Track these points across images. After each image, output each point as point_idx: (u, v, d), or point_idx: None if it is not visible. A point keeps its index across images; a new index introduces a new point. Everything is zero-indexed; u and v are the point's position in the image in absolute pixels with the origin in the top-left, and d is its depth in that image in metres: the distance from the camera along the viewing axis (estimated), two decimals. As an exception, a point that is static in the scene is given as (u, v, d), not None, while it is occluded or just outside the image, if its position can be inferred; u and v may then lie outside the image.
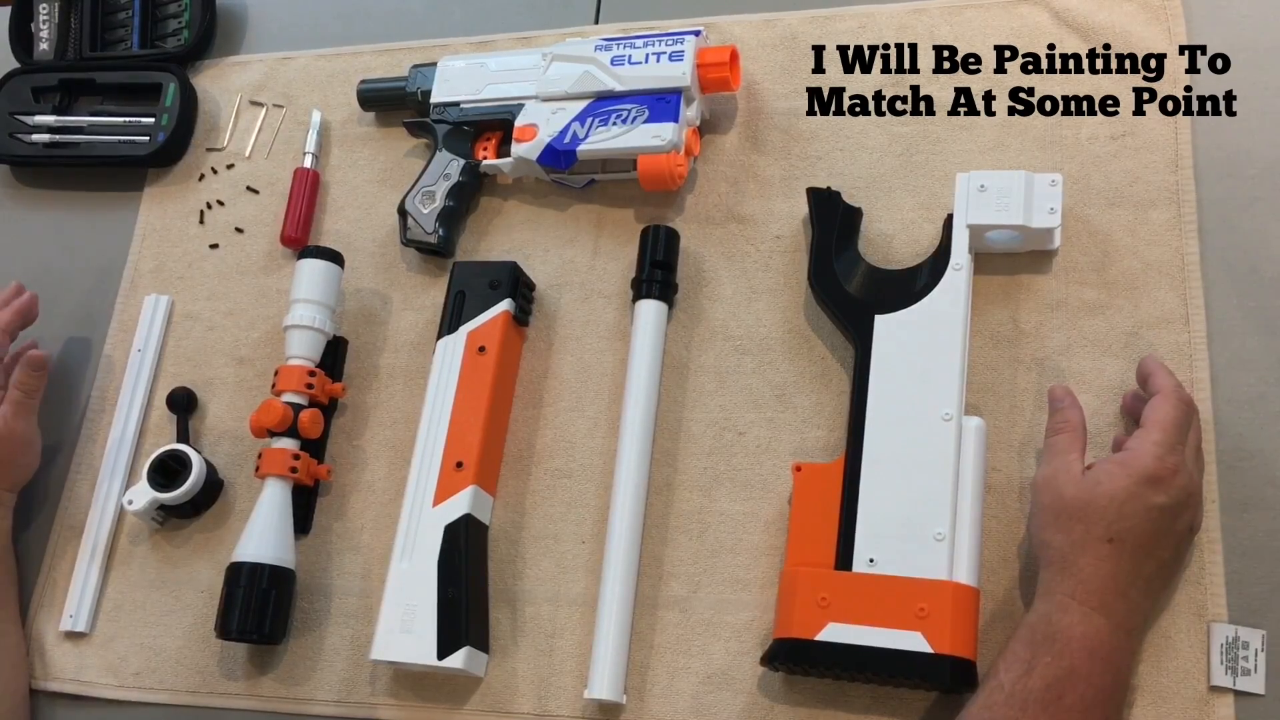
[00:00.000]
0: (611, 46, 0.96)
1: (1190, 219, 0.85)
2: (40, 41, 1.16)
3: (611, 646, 0.81)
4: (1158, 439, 0.70)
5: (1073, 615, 0.68)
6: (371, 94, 1.05)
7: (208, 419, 0.99)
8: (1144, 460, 0.69)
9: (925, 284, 0.83)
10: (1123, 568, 0.69)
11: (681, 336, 0.92)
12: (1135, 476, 0.69)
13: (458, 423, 0.87)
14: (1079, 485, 0.70)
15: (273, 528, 0.88)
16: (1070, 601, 0.68)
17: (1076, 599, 0.68)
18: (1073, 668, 0.67)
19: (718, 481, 0.86)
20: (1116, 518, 0.69)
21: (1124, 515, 0.69)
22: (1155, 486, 0.69)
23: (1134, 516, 0.69)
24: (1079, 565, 0.69)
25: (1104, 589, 0.68)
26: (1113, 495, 0.69)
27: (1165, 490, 0.69)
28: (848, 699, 0.78)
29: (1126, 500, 0.69)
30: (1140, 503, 0.69)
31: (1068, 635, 0.67)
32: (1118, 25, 0.92)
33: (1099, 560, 0.69)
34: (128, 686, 0.91)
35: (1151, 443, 0.70)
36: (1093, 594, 0.68)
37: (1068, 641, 0.67)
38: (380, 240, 1.02)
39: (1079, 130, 0.89)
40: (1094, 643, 0.67)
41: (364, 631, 0.87)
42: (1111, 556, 0.68)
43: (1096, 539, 0.69)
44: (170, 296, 1.04)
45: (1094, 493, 0.69)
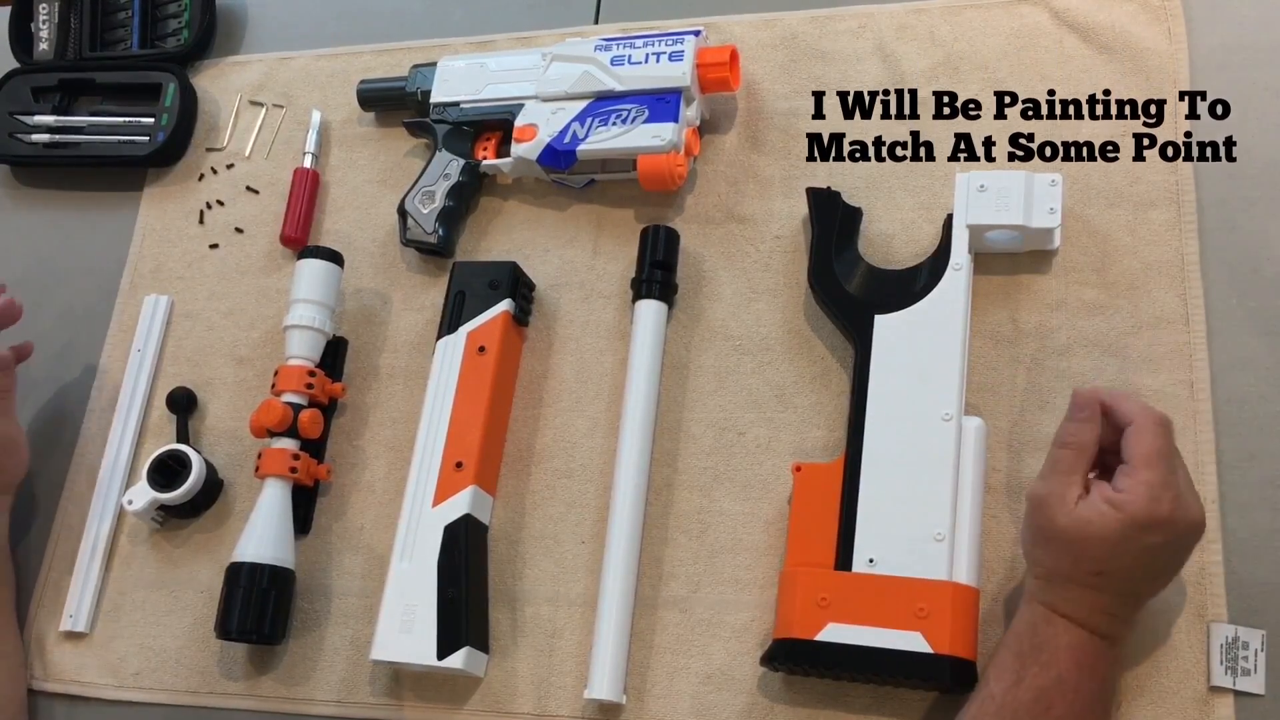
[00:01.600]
0: (611, 46, 0.96)
1: (1190, 219, 0.84)
2: (40, 41, 1.16)
3: (611, 646, 0.80)
4: (1148, 479, 0.66)
5: (1057, 626, 0.68)
6: (371, 94, 1.05)
7: (208, 419, 0.99)
8: (1137, 505, 0.65)
9: (925, 284, 0.83)
10: (1109, 596, 0.68)
11: (681, 336, 0.91)
12: (1129, 521, 0.65)
13: (458, 423, 0.87)
14: (1070, 518, 0.67)
15: (273, 528, 0.88)
16: (1054, 615, 0.68)
17: (1060, 614, 0.68)
18: (1060, 678, 0.66)
19: (718, 481, 0.86)
20: (1108, 557, 0.66)
21: (1115, 555, 0.66)
22: (1151, 530, 0.65)
23: (1126, 556, 0.66)
24: (1066, 589, 0.68)
25: (1091, 611, 0.68)
26: (1104, 539, 0.66)
27: (1161, 532, 0.65)
28: (848, 699, 0.78)
29: (1119, 543, 0.66)
30: (1134, 544, 0.66)
31: (1054, 646, 0.67)
32: (1118, 25, 0.92)
33: (1085, 589, 0.68)
34: (128, 687, 0.91)
35: (1142, 484, 0.65)
36: (1081, 612, 0.68)
37: (1054, 652, 0.67)
38: (380, 240, 1.02)
39: (1079, 130, 0.89)
40: (1080, 654, 0.67)
41: (364, 631, 0.87)
42: (1100, 586, 0.67)
43: (1086, 572, 0.67)
44: (170, 296, 1.04)
45: (1085, 532, 0.66)
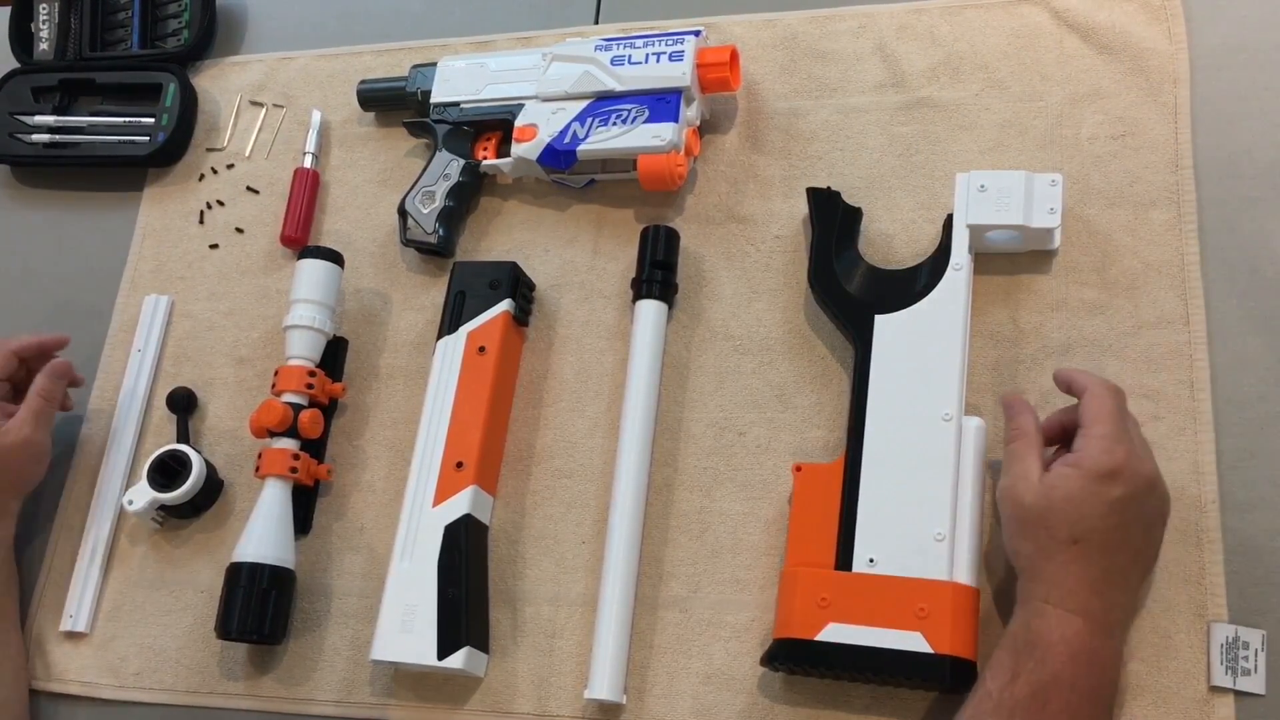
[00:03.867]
0: (611, 46, 0.96)
1: (1190, 219, 0.85)
2: (40, 41, 1.16)
3: (611, 646, 0.80)
4: (1101, 433, 0.70)
5: (1049, 620, 0.68)
6: (371, 94, 1.05)
7: (208, 419, 0.99)
8: (1093, 456, 0.69)
9: (925, 284, 0.83)
10: (1092, 566, 0.68)
11: (681, 336, 0.91)
12: (1088, 474, 0.69)
13: (458, 423, 0.87)
14: (1036, 492, 0.70)
15: (273, 528, 0.88)
16: (1046, 606, 0.68)
17: (1051, 602, 0.68)
18: (1055, 673, 0.66)
19: (718, 481, 0.86)
20: (1077, 518, 0.68)
21: (1084, 515, 0.68)
22: (1110, 480, 0.68)
23: (1094, 515, 0.68)
24: (1049, 569, 0.69)
25: (1076, 589, 0.68)
26: (1069, 496, 0.69)
27: (1121, 482, 0.68)
28: (848, 699, 0.78)
29: (1084, 499, 0.68)
30: (1098, 499, 0.68)
31: (1047, 641, 0.67)
32: (1118, 25, 0.92)
33: (1067, 562, 0.68)
34: (128, 687, 0.91)
35: (1097, 437, 0.70)
36: (1066, 596, 0.68)
37: (1048, 647, 0.67)
38: (380, 240, 1.02)
39: (1079, 130, 0.89)
40: (1074, 646, 0.67)
41: (364, 631, 0.87)
42: (1079, 557, 0.68)
43: (1061, 542, 0.69)
44: (170, 296, 1.04)
45: (1050, 497, 0.69)
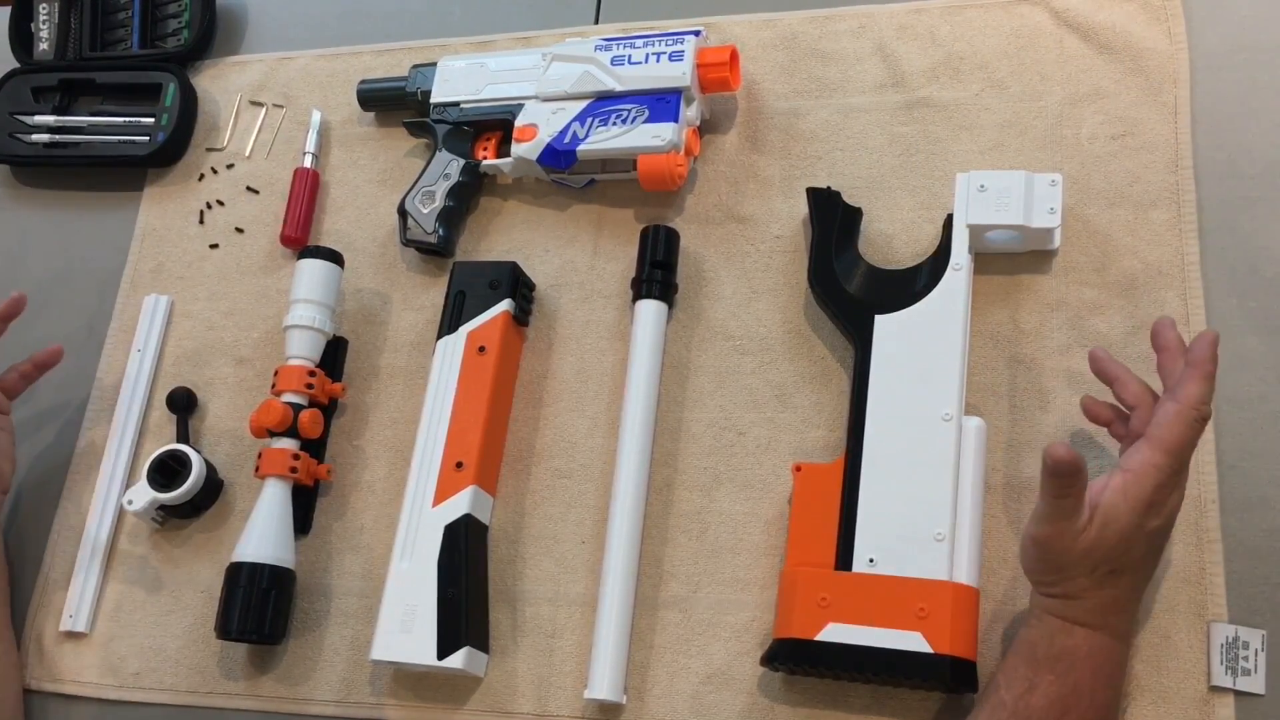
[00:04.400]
0: (611, 46, 0.96)
1: (1190, 219, 0.84)
2: (40, 41, 1.16)
3: (611, 646, 0.80)
4: (1161, 464, 0.66)
5: (1077, 638, 0.68)
6: (371, 94, 1.05)
7: (208, 419, 0.99)
8: (1146, 489, 0.66)
9: (925, 284, 0.83)
10: (1122, 590, 0.68)
11: (681, 336, 0.91)
12: (1137, 508, 0.66)
13: (458, 423, 0.87)
14: (1084, 541, 0.66)
15: (273, 528, 0.88)
16: (1074, 626, 0.68)
17: (1080, 623, 0.68)
18: (1076, 686, 0.67)
19: (718, 481, 0.86)
20: (1123, 552, 0.67)
21: (1129, 548, 0.67)
22: (1151, 512, 0.66)
23: (1136, 546, 0.67)
24: (1083, 597, 0.68)
25: (1106, 611, 0.68)
26: (1121, 534, 0.66)
27: (1159, 514, 0.67)
28: (848, 699, 0.78)
29: (1132, 534, 0.66)
30: (1141, 532, 0.67)
31: (1073, 656, 0.67)
32: (1118, 25, 0.92)
33: (1101, 589, 0.68)
34: (128, 687, 0.91)
35: (1154, 467, 0.66)
36: (1096, 616, 0.68)
37: (1073, 662, 0.67)
38: (380, 240, 1.02)
39: (1079, 130, 0.89)
40: (1099, 660, 0.67)
41: (364, 631, 0.87)
42: (1113, 584, 0.68)
43: (1102, 574, 0.67)
44: (170, 296, 1.04)
45: (1104, 534, 0.66)
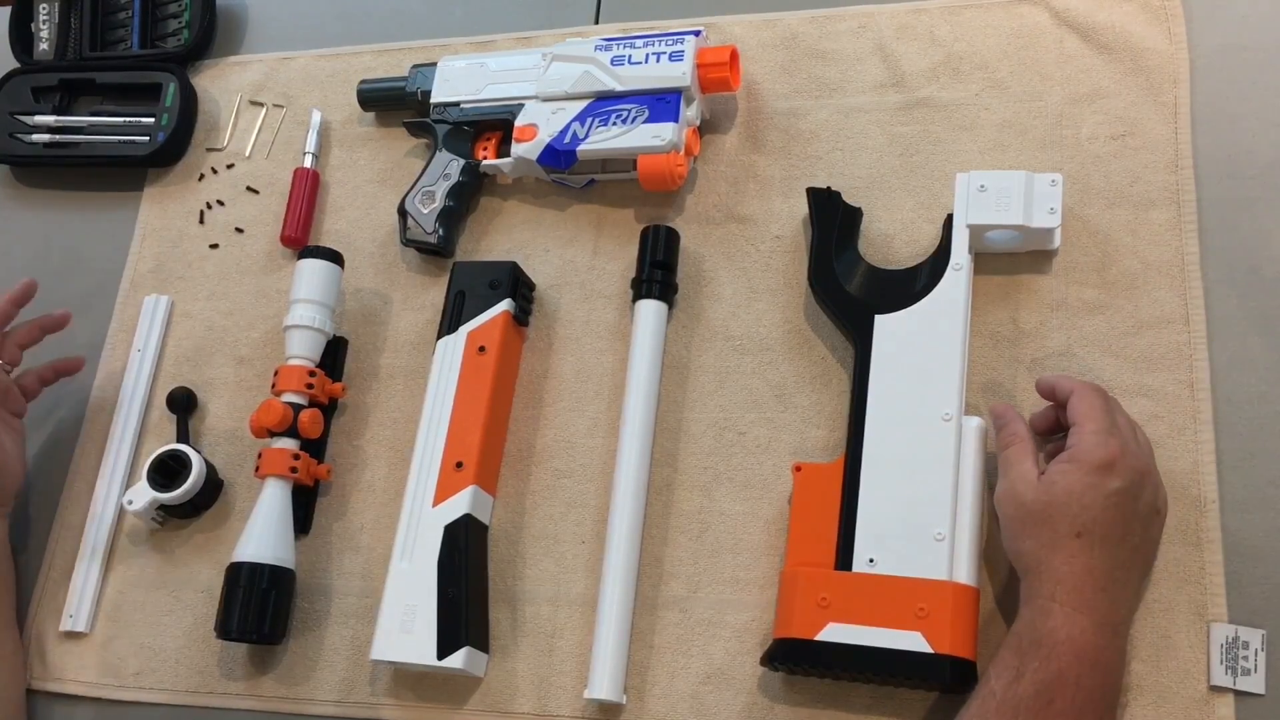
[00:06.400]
0: (611, 46, 0.96)
1: (1190, 219, 0.85)
2: (40, 41, 1.16)
3: (611, 646, 0.80)
4: (1094, 428, 0.71)
5: (1055, 619, 0.68)
6: (371, 94, 1.05)
7: (208, 419, 0.99)
8: (1088, 450, 0.70)
9: (925, 284, 0.83)
10: (1096, 560, 0.69)
11: (681, 336, 0.91)
12: (1086, 467, 0.70)
13: (458, 423, 0.87)
14: (1036, 489, 0.71)
15: (273, 528, 0.88)
16: (1051, 604, 0.68)
17: (1057, 600, 0.68)
18: (1060, 672, 0.66)
19: (718, 481, 0.86)
20: (1079, 510, 0.69)
21: (1085, 507, 0.69)
22: (1107, 472, 0.70)
23: (1095, 506, 0.69)
24: (1053, 566, 0.69)
25: (1081, 585, 0.68)
26: (1069, 490, 0.70)
27: (1118, 474, 0.70)
28: (848, 699, 0.78)
29: (1084, 492, 0.69)
30: (1098, 492, 0.69)
31: (1053, 639, 0.67)
32: (1118, 25, 0.92)
33: (1071, 557, 0.69)
34: (128, 686, 0.91)
35: (1089, 433, 0.71)
36: (1071, 592, 0.68)
37: (1053, 646, 0.67)
38: (380, 240, 1.02)
39: (1079, 130, 0.89)
40: (1080, 644, 0.67)
41: (364, 631, 0.87)
42: (1082, 551, 0.69)
43: (1064, 536, 0.69)
44: (170, 296, 1.04)
45: (1052, 492, 0.70)
